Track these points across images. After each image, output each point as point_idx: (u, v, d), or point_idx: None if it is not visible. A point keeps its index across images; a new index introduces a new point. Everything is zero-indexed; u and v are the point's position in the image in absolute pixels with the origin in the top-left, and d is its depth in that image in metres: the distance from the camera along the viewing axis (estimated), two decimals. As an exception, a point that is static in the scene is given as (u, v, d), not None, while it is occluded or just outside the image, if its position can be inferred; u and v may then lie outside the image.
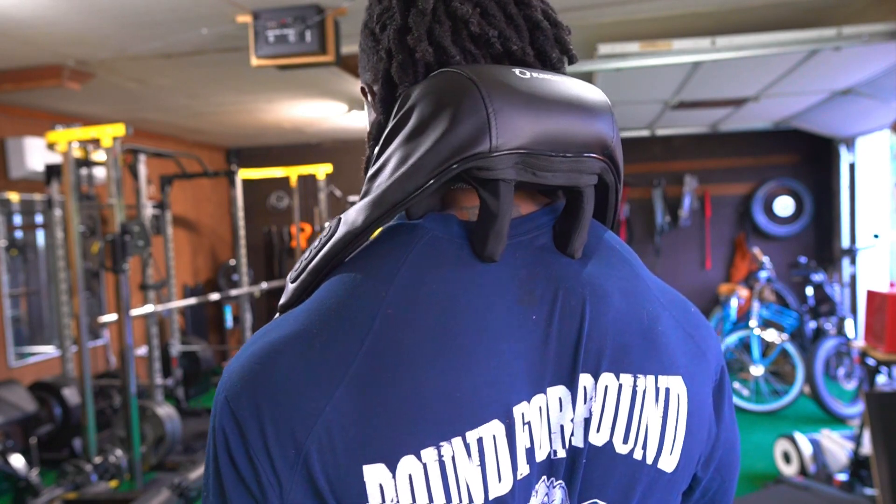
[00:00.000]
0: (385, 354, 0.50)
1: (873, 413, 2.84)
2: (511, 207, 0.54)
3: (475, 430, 0.51)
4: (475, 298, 0.53)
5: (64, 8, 3.00)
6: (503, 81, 0.54)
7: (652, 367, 0.57)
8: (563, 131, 0.54)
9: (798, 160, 6.55)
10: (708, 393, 0.61)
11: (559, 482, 0.54)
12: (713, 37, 3.35)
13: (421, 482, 0.50)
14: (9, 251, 4.98)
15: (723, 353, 0.67)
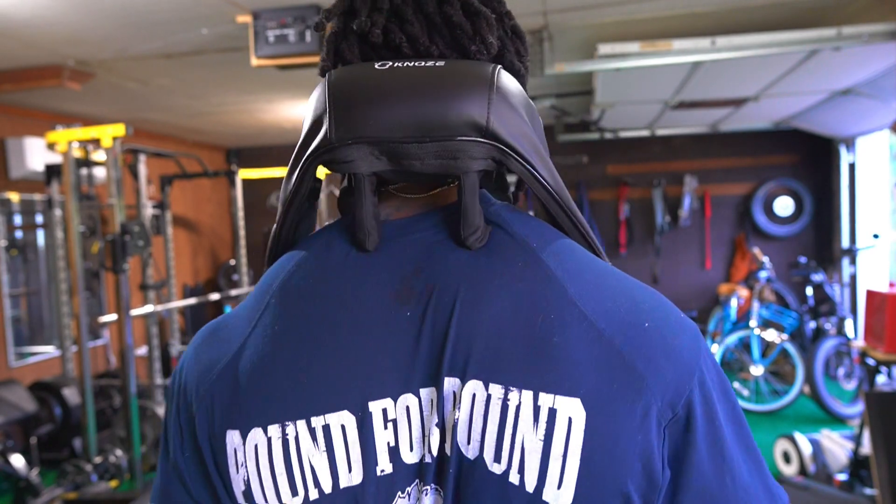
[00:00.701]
0: (260, 338, 0.56)
1: (873, 413, 2.84)
2: (369, 198, 0.55)
3: (320, 417, 0.53)
4: (349, 291, 0.55)
5: (64, 8, 3.00)
6: (353, 75, 0.56)
7: (533, 381, 0.51)
8: (418, 116, 0.53)
9: (798, 160, 6.55)
10: (636, 427, 0.51)
11: (433, 487, 0.53)
12: (713, 37, 3.35)
13: (264, 454, 0.53)
14: (9, 251, 4.98)
15: (700, 385, 0.53)
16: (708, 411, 0.53)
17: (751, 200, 6.59)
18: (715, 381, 0.55)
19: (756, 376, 5.28)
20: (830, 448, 3.60)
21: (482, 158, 0.54)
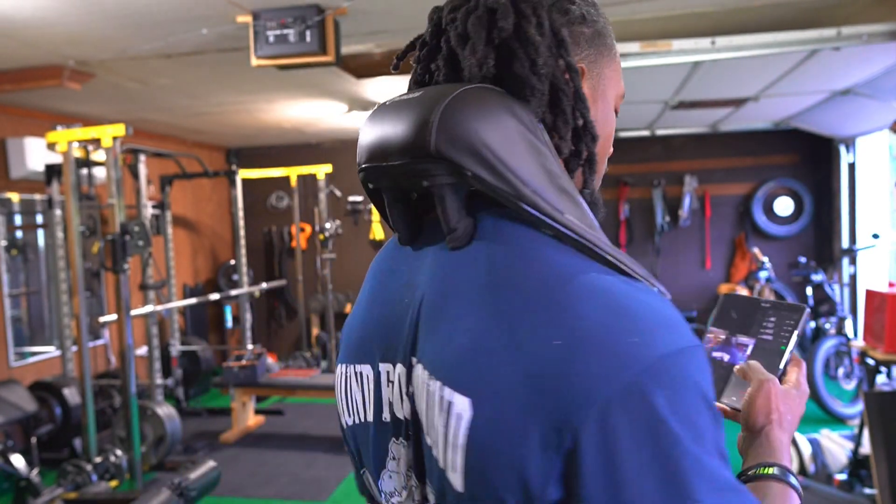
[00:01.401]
0: (357, 301, 0.78)
1: (873, 413, 2.84)
2: (393, 205, 0.69)
3: (359, 366, 0.71)
4: (388, 275, 0.72)
5: (64, 8, 3.00)
6: (374, 112, 0.68)
7: (440, 374, 0.58)
8: (378, 143, 0.64)
9: (798, 160, 6.55)
10: (517, 442, 0.52)
11: (409, 441, 0.64)
12: (713, 37, 3.35)
13: (340, 384, 0.74)
14: (9, 251, 4.99)
15: (600, 418, 0.51)
16: (605, 447, 0.51)
17: (751, 200, 6.60)
18: (637, 417, 0.51)
19: (756, 376, 5.27)
20: (830, 448, 3.60)
21: (443, 174, 0.61)
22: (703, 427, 0.53)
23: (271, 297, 7.68)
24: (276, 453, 4.67)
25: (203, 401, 6.09)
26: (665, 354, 0.53)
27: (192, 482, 3.11)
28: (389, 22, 3.40)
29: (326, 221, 6.37)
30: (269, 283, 6.64)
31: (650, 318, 0.55)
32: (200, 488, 3.18)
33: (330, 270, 6.54)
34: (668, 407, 0.51)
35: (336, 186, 7.15)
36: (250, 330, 5.99)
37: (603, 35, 0.73)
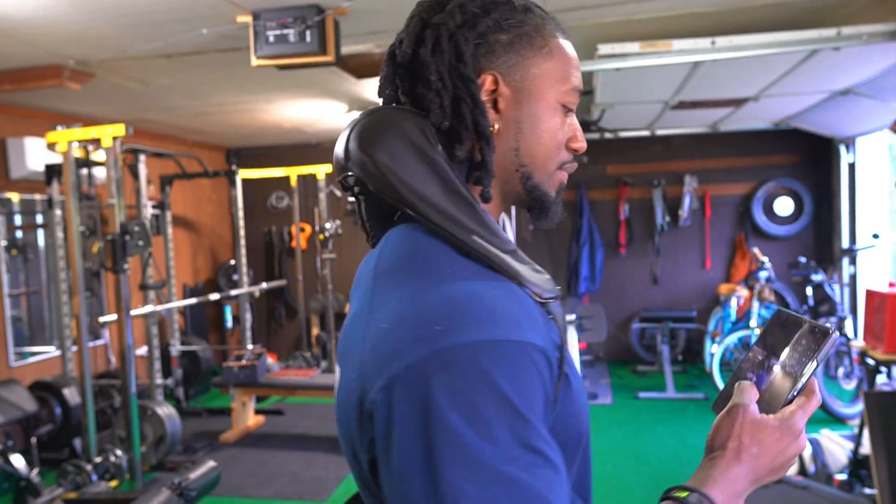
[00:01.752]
0: None
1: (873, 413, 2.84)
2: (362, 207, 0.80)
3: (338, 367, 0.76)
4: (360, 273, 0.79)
5: (64, 8, 3.00)
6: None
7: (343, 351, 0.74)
8: (335, 158, 0.77)
9: (798, 160, 6.55)
10: (355, 399, 0.66)
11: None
12: (713, 37, 3.35)
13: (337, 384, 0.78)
14: (9, 251, 4.98)
15: (385, 394, 0.61)
16: (386, 417, 0.61)
17: (751, 200, 6.59)
18: (414, 395, 0.59)
19: (756, 376, 5.27)
20: (830, 448, 3.60)
21: (351, 185, 0.75)
22: (488, 417, 0.57)
23: (271, 297, 7.68)
24: (276, 453, 4.67)
25: (203, 401, 6.09)
26: (461, 343, 0.59)
27: (192, 482, 3.11)
28: (389, 22, 3.40)
29: (326, 221, 6.37)
30: (269, 283, 6.64)
31: (469, 311, 0.62)
32: (200, 488, 3.17)
33: (330, 270, 6.53)
34: (445, 390, 0.58)
35: (336, 186, 7.15)
36: (250, 330, 5.99)
37: (527, 37, 0.75)
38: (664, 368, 5.83)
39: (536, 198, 0.78)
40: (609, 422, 5.00)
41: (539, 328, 0.65)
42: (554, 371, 0.64)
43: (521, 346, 0.61)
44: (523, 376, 0.60)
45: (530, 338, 0.62)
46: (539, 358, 0.62)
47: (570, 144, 0.79)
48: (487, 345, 0.59)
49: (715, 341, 5.86)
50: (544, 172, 0.78)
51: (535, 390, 0.61)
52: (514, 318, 0.63)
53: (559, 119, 0.77)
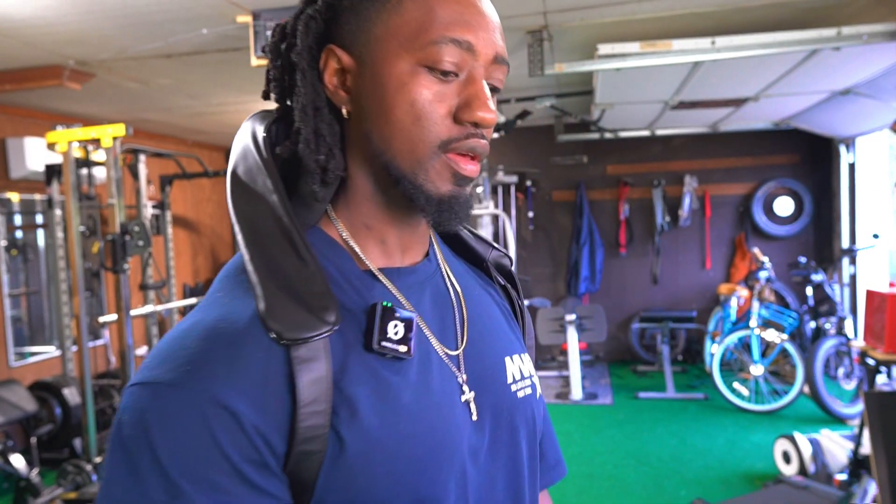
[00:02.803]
0: None
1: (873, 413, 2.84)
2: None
3: None
4: None
5: (64, 8, 3.00)
6: None
7: None
8: None
9: (798, 160, 6.55)
10: None
11: None
12: (713, 37, 3.35)
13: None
14: (9, 251, 4.98)
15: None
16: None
17: (751, 200, 6.59)
18: (113, 431, 0.57)
19: (756, 376, 5.27)
20: (830, 448, 3.60)
21: None
22: (136, 468, 0.53)
23: (271, 297, 7.66)
24: (276, 453, 4.66)
25: (203, 401, 6.08)
26: (133, 382, 0.57)
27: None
28: (389, 22, 3.40)
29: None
30: (269, 283, 6.63)
31: (164, 346, 0.59)
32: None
33: (330, 270, 6.52)
34: (116, 427, 0.56)
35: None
36: (250, 330, 5.97)
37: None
38: (664, 368, 5.82)
39: (411, 194, 0.63)
40: (609, 422, 5.00)
41: (243, 375, 0.55)
42: (251, 434, 0.54)
43: (188, 396, 0.53)
44: (181, 431, 0.53)
45: (207, 386, 0.54)
46: (216, 413, 0.53)
47: (461, 115, 0.62)
48: (137, 388, 0.55)
49: (715, 341, 5.86)
50: (411, 158, 0.62)
51: (214, 441, 0.53)
52: (198, 359, 0.55)
53: (422, 86, 0.61)
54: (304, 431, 0.56)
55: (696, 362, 6.68)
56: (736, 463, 4.11)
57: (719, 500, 3.47)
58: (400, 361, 0.64)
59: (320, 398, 0.57)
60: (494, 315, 0.79)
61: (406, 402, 0.62)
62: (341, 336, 0.61)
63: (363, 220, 0.68)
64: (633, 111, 5.34)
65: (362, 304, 0.65)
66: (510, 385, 0.74)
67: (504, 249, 0.87)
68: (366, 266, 0.67)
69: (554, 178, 6.99)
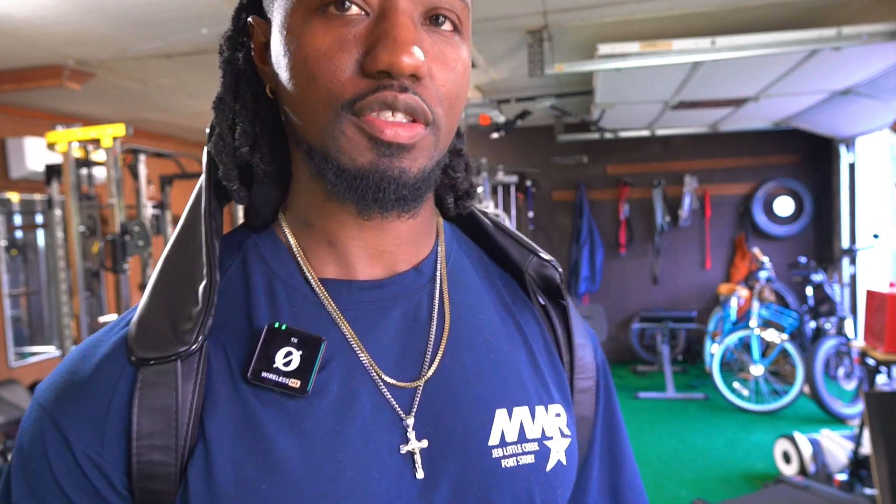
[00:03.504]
0: None
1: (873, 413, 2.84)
2: None
3: None
4: None
5: (64, 8, 3.00)
6: None
7: None
8: None
9: (798, 160, 6.55)
10: None
11: None
12: (713, 37, 3.35)
13: None
14: (9, 251, 4.98)
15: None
16: None
17: (751, 200, 6.59)
18: None
19: (756, 376, 5.27)
20: (830, 448, 3.60)
21: None
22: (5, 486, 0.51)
23: (271, 297, 7.67)
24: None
25: (203, 401, 6.08)
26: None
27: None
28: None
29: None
30: (269, 283, 6.63)
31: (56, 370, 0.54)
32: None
33: (330, 270, 6.52)
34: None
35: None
36: (250, 330, 5.97)
37: None
38: (664, 368, 5.82)
39: (321, 170, 0.52)
40: (609, 422, 5.00)
41: (81, 393, 0.50)
42: (81, 462, 0.48)
43: (38, 414, 0.50)
44: (30, 439, 0.50)
45: (51, 405, 0.50)
46: (51, 436, 0.49)
47: (365, 64, 0.48)
48: (28, 409, 0.52)
49: (715, 341, 5.86)
50: (316, 128, 0.50)
51: (47, 462, 0.49)
52: (57, 375, 0.52)
53: (314, 36, 0.49)
54: (143, 468, 0.48)
55: (696, 362, 6.68)
56: (736, 463, 4.10)
57: (719, 500, 3.47)
58: (295, 401, 0.51)
59: (162, 431, 0.48)
60: (504, 348, 0.59)
61: (285, 458, 0.49)
62: (225, 361, 0.52)
63: (303, 215, 0.57)
64: (633, 111, 5.34)
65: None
66: (491, 449, 0.54)
67: (550, 257, 0.66)
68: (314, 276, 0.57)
69: (554, 178, 6.99)
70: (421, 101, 0.49)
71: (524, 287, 0.65)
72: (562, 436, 0.58)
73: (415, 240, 0.59)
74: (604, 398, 0.69)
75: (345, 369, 0.53)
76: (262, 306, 0.54)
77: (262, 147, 0.57)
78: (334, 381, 0.52)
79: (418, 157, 0.50)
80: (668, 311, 6.57)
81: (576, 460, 0.60)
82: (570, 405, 0.62)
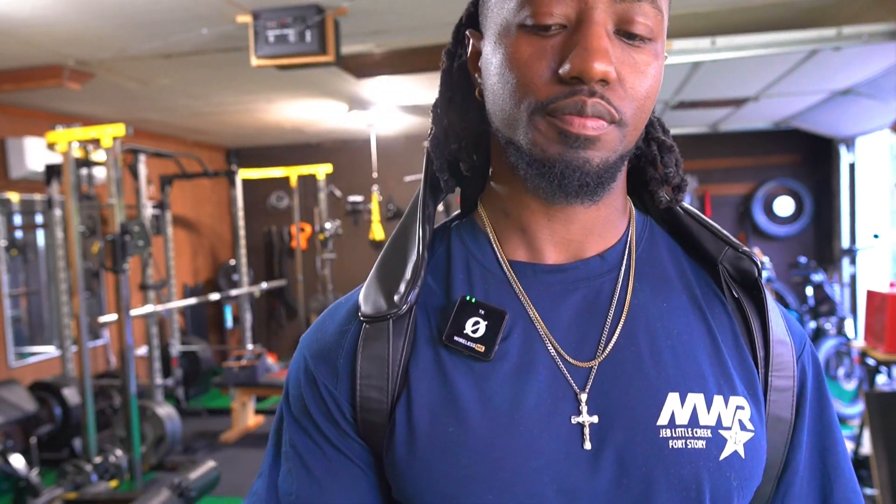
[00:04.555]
0: None
1: (873, 413, 2.84)
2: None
3: None
4: None
5: (64, 8, 3.00)
6: None
7: None
8: None
9: (798, 160, 6.55)
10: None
11: None
12: (713, 37, 3.35)
13: None
14: (9, 251, 4.98)
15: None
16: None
17: (751, 200, 6.59)
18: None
19: (756, 376, 5.27)
20: (830, 448, 3.59)
21: None
22: (280, 413, 0.66)
23: (271, 297, 7.67)
24: (276, 453, 4.66)
25: (203, 401, 6.08)
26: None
27: (192, 482, 3.11)
28: (389, 22, 3.40)
29: (326, 221, 6.37)
30: (269, 283, 6.64)
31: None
32: (200, 488, 3.17)
33: (330, 270, 6.53)
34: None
35: (336, 186, 7.15)
36: (250, 330, 5.99)
37: None
38: (664, 368, 5.82)
39: (515, 161, 0.59)
40: (609, 422, 5.00)
41: (326, 339, 0.65)
42: (323, 393, 0.63)
43: (299, 355, 0.66)
44: (293, 373, 0.66)
45: (305, 347, 0.66)
46: (303, 363, 0.65)
47: (561, 71, 0.53)
48: (297, 346, 0.68)
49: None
50: (510, 125, 0.57)
51: (301, 391, 0.64)
52: (315, 325, 0.68)
53: (516, 45, 0.55)
54: (364, 402, 0.61)
55: (696, 362, 6.67)
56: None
57: (719, 501, 3.46)
58: (481, 363, 0.59)
59: (378, 375, 0.61)
60: (685, 336, 0.61)
61: (468, 407, 0.58)
62: (427, 323, 0.63)
63: (501, 205, 0.64)
64: (633, 111, 5.33)
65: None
66: (660, 428, 0.56)
67: (747, 249, 0.65)
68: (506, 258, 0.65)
69: (554, 178, 6.98)
70: (608, 105, 0.54)
71: (718, 280, 0.65)
72: (741, 428, 0.58)
73: (601, 230, 0.63)
74: (813, 402, 0.66)
75: (525, 341, 0.60)
76: (459, 282, 0.64)
77: (468, 145, 0.67)
78: (515, 349, 0.60)
79: (602, 148, 0.55)
80: (668, 311, 6.57)
81: (760, 458, 0.60)
82: (761, 402, 0.61)
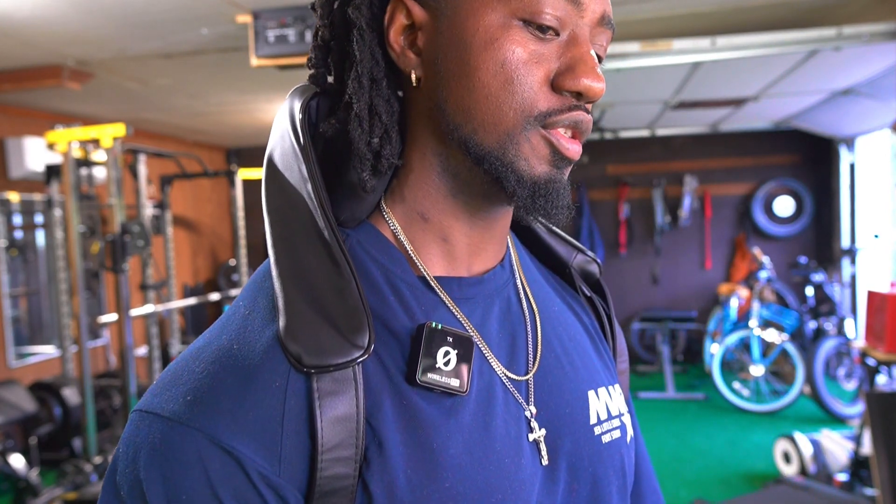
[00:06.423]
0: None
1: (873, 413, 2.84)
2: None
3: None
4: None
5: (64, 8, 3.00)
6: None
7: None
8: None
9: (798, 160, 6.55)
10: None
11: None
12: (713, 37, 3.35)
13: None
14: (9, 251, 4.98)
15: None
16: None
17: (751, 200, 6.59)
18: (109, 466, 0.49)
19: (756, 376, 5.27)
20: (831, 448, 3.60)
21: None
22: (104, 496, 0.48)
23: (271, 297, 7.66)
24: (276, 453, 4.66)
25: (203, 401, 6.08)
26: (133, 409, 0.49)
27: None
28: (389, 22, 3.40)
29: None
30: (269, 283, 6.63)
31: (166, 372, 0.50)
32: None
33: (330, 270, 6.52)
34: (116, 456, 0.49)
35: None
36: (250, 330, 5.97)
37: None
38: (664, 368, 5.82)
39: (498, 174, 0.52)
40: (609, 422, 5.00)
41: (246, 408, 0.45)
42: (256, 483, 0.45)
43: (185, 434, 0.45)
44: (175, 477, 0.44)
45: (208, 422, 0.45)
46: (216, 457, 0.44)
47: (562, 82, 0.50)
48: (146, 419, 0.47)
49: (715, 341, 5.86)
50: (498, 131, 0.51)
51: (198, 498, 0.44)
52: (204, 388, 0.46)
53: (515, 42, 0.50)
54: (325, 483, 0.46)
55: (696, 362, 6.68)
56: (736, 463, 4.10)
57: (719, 500, 3.47)
58: (451, 397, 0.52)
59: (346, 442, 0.46)
60: (577, 336, 0.64)
61: (454, 454, 0.50)
62: (379, 363, 0.50)
63: (420, 209, 0.55)
64: (633, 111, 5.34)
65: (408, 323, 0.52)
66: (593, 427, 0.59)
67: (591, 253, 0.70)
68: (420, 272, 0.55)
69: (554, 178, 6.98)
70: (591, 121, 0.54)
71: (570, 282, 0.69)
72: (627, 412, 0.65)
73: (501, 237, 0.61)
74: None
75: (478, 366, 0.54)
76: (394, 305, 0.53)
77: (391, 139, 0.54)
78: (475, 379, 0.54)
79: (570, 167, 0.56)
80: (668, 311, 6.57)
81: (636, 433, 0.68)
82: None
